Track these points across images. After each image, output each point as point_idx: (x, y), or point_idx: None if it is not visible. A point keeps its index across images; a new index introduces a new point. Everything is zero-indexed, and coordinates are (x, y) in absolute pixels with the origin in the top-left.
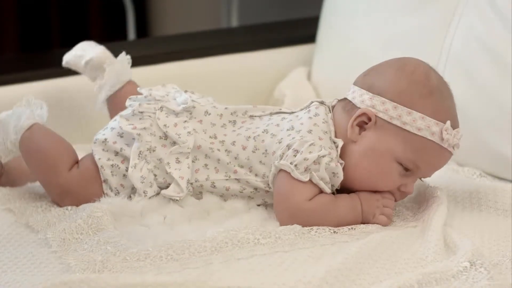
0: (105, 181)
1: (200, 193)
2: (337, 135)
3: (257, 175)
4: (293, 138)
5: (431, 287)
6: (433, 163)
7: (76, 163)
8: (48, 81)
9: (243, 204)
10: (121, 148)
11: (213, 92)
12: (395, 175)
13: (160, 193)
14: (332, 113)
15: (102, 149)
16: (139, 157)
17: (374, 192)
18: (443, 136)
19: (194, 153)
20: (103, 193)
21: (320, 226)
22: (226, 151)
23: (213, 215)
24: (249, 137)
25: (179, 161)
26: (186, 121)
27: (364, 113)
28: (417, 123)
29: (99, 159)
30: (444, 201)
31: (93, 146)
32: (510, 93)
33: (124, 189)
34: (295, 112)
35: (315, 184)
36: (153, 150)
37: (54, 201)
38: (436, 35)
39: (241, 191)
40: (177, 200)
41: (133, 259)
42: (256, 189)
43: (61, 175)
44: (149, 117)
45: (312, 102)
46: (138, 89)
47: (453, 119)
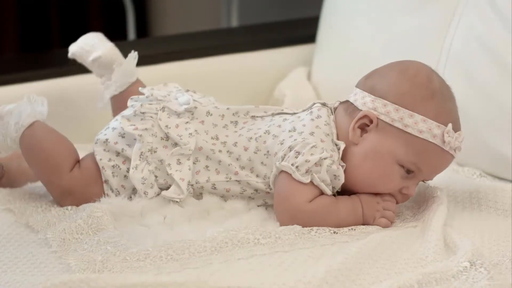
0: (106, 181)
1: (201, 194)
2: (339, 137)
3: (258, 176)
4: (295, 139)
5: (431, 287)
6: (435, 166)
7: (77, 162)
8: (48, 81)
9: (243, 204)
10: (123, 149)
11: (213, 92)
12: (396, 177)
13: (161, 194)
14: (334, 115)
15: (103, 150)
16: (140, 158)
17: (375, 194)
18: (445, 139)
19: (195, 154)
20: (104, 193)
21: (320, 227)
22: (228, 152)
23: (213, 215)
24: (251, 138)
25: (180, 162)
26: (187, 122)
27: (365, 115)
28: (419, 125)
29: (100, 159)
30: (444, 201)
31: (95, 146)
32: (510, 93)
33: (125, 190)
34: (297, 113)
35: (316, 186)
36: (154, 151)
37: (55, 200)
38: (436, 35)
39: (242, 193)
40: (177, 201)
41: (133, 259)
42: (257, 190)
43: (62, 176)
44: (151, 117)
45: (314, 103)
46: (140, 89)
47: (455, 122)
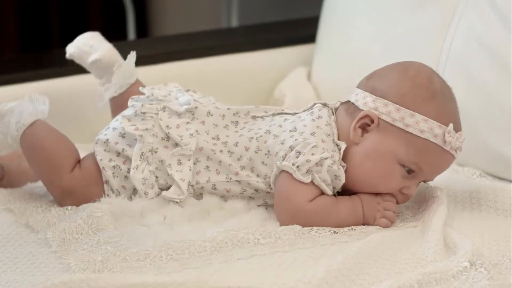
0: (107, 182)
1: (201, 194)
2: (340, 137)
3: (258, 175)
4: (296, 139)
5: (431, 287)
6: (436, 166)
7: (78, 162)
8: (48, 81)
9: (243, 204)
10: (123, 149)
11: (213, 92)
12: (397, 177)
13: (161, 194)
14: (335, 116)
15: (104, 150)
16: (141, 158)
17: (375, 195)
18: (446, 139)
19: (196, 155)
20: (104, 194)
21: (320, 227)
22: (229, 152)
23: (213, 215)
24: (252, 138)
25: (181, 163)
26: (188, 122)
27: (366, 115)
28: (420, 125)
29: (100, 160)
30: (444, 201)
31: (95, 147)
32: (510, 93)
33: (126, 190)
34: (297, 113)
35: (316, 186)
36: (155, 152)
37: (55, 200)
38: (436, 35)
39: (242, 193)
40: (177, 202)
41: (133, 259)
42: (257, 190)
43: (63, 176)
44: (151, 118)
45: (315, 104)
46: (140, 88)
47: (455, 122)
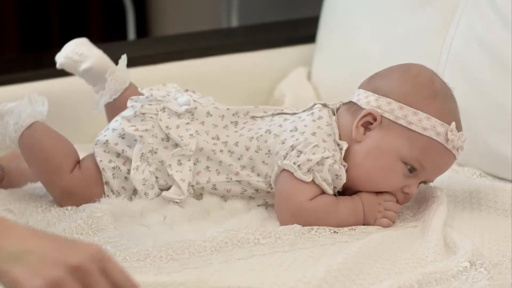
0: (107, 183)
1: (201, 194)
2: (341, 137)
3: (259, 175)
4: (297, 139)
5: (431, 287)
6: (438, 164)
7: (78, 163)
8: (48, 81)
9: (243, 204)
10: (123, 150)
11: (213, 92)
12: (399, 175)
13: (161, 194)
14: (336, 116)
15: (104, 151)
16: (141, 159)
17: (377, 194)
18: (448, 137)
19: (196, 155)
20: (104, 194)
21: (320, 226)
22: (229, 152)
23: (213, 215)
24: (252, 137)
25: (181, 163)
26: (188, 123)
27: (369, 113)
28: (423, 123)
29: (100, 161)
30: (444, 201)
31: (95, 148)
32: (510, 93)
33: (126, 191)
34: (297, 113)
35: (317, 185)
36: (155, 152)
37: (55, 200)
38: (436, 35)
39: (242, 193)
40: (177, 202)
41: (133, 259)
42: (257, 190)
43: (63, 177)
44: (151, 118)
45: (315, 104)
46: (140, 89)
47: (457, 122)
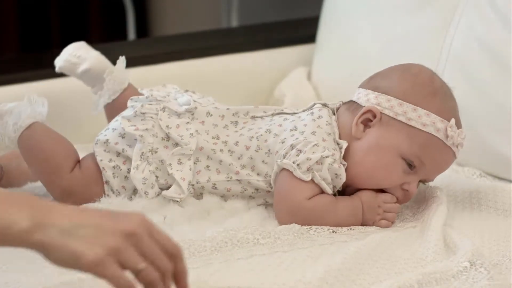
0: (107, 182)
1: (201, 194)
2: (341, 136)
3: (259, 174)
4: (297, 138)
5: (431, 287)
6: (437, 161)
7: (78, 162)
8: (48, 81)
9: (243, 204)
10: (123, 149)
11: (213, 92)
12: (398, 171)
13: (161, 193)
14: (336, 115)
15: (104, 150)
16: (141, 158)
17: (376, 196)
18: (448, 133)
19: (196, 154)
20: (104, 194)
21: (319, 226)
22: (229, 152)
23: (213, 215)
24: (252, 137)
25: (181, 162)
26: (188, 122)
27: (369, 110)
28: (422, 119)
29: (100, 160)
30: (443, 201)
31: (95, 147)
32: (510, 93)
33: (126, 191)
34: (297, 113)
35: (316, 184)
36: (155, 152)
37: (55, 200)
38: (436, 35)
39: (242, 192)
40: (177, 201)
41: None
42: (257, 189)
43: (63, 177)
44: (151, 118)
45: (315, 104)
46: (140, 90)
47: (456, 119)
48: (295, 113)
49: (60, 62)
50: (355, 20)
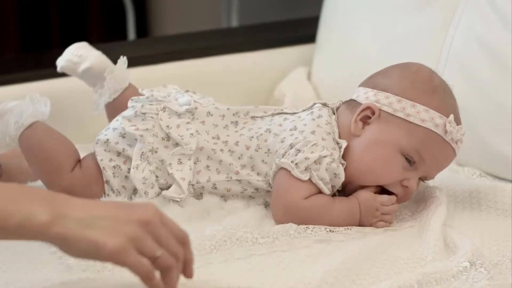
0: (107, 182)
1: (201, 194)
2: (341, 136)
3: (259, 174)
4: (296, 138)
5: (431, 287)
6: (437, 156)
7: (78, 162)
8: (48, 81)
9: (243, 204)
10: (124, 149)
11: (213, 92)
12: (398, 167)
13: (161, 193)
14: (336, 115)
15: (104, 150)
16: (141, 158)
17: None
18: (447, 128)
19: (196, 154)
20: (104, 194)
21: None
22: (230, 151)
23: (213, 215)
24: (252, 137)
25: (181, 162)
26: (188, 122)
27: (368, 107)
28: (421, 115)
29: (101, 160)
30: (443, 201)
31: (95, 147)
32: (510, 93)
33: (126, 191)
34: (297, 113)
35: (314, 184)
36: (155, 151)
37: None
38: (436, 35)
39: (242, 192)
40: (177, 201)
41: None
42: (257, 189)
43: (63, 176)
44: (152, 118)
45: (315, 103)
46: (140, 90)
47: (456, 116)
48: (295, 113)
49: (62, 62)
50: (355, 20)
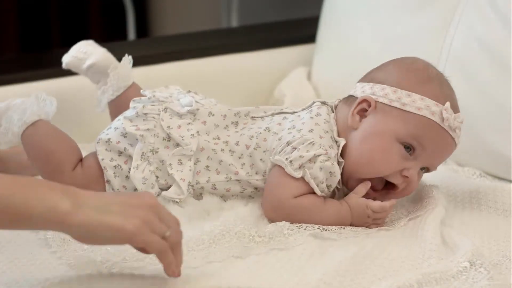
0: (108, 182)
1: (201, 194)
2: (340, 132)
3: (257, 173)
4: (294, 136)
5: (431, 287)
6: (436, 144)
7: (80, 161)
8: (48, 81)
9: (243, 204)
10: (125, 148)
11: (213, 92)
12: (396, 156)
13: (161, 194)
14: (335, 113)
15: (105, 149)
16: (142, 158)
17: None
18: (443, 116)
19: (196, 155)
20: None
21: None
22: (230, 151)
23: (213, 215)
24: (252, 136)
25: (181, 163)
26: (190, 123)
27: (364, 100)
28: (417, 103)
29: (102, 159)
30: (440, 200)
31: (97, 146)
32: (510, 93)
33: (127, 191)
34: (296, 112)
35: (306, 183)
36: (156, 152)
37: None
38: (436, 35)
39: (242, 192)
40: (177, 202)
41: (133, 259)
42: (257, 188)
43: (64, 175)
44: (153, 118)
45: (314, 102)
46: (142, 91)
47: (453, 103)
48: (294, 112)
49: (68, 58)
50: (355, 20)
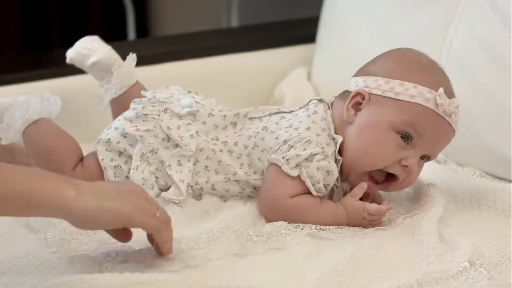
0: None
1: (200, 195)
2: (337, 128)
3: (255, 172)
4: (291, 134)
5: (431, 287)
6: (433, 131)
7: (81, 160)
8: (48, 81)
9: (242, 204)
10: (125, 148)
11: (213, 92)
12: (392, 145)
13: (160, 195)
14: (331, 110)
15: (106, 149)
16: (141, 159)
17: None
18: (437, 102)
19: (195, 155)
20: None
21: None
22: (229, 152)
23: (212, 215)
24: (250, 136)
25: (181, 163)
26: (189, 123)
27: (358, 93)
28: (410, 91)
29: (102, 159)
30: (437, 200)
31: (97, 146)
32: (510, 93)
33: None
34: (294, 111)
35: (302, 183)
36: (155, 152)
37: None
38: (436, 35)
39: (241, 192)
40: (176, 203)
41: (133, 259)
42: (256, 188)
43: (65, 174)
44: (153, 119)
45: (311, 100)
46: (142, 92)
47: (447, 89)
48: (292, 111)
49: (72, 53)
50: (355, 20)
